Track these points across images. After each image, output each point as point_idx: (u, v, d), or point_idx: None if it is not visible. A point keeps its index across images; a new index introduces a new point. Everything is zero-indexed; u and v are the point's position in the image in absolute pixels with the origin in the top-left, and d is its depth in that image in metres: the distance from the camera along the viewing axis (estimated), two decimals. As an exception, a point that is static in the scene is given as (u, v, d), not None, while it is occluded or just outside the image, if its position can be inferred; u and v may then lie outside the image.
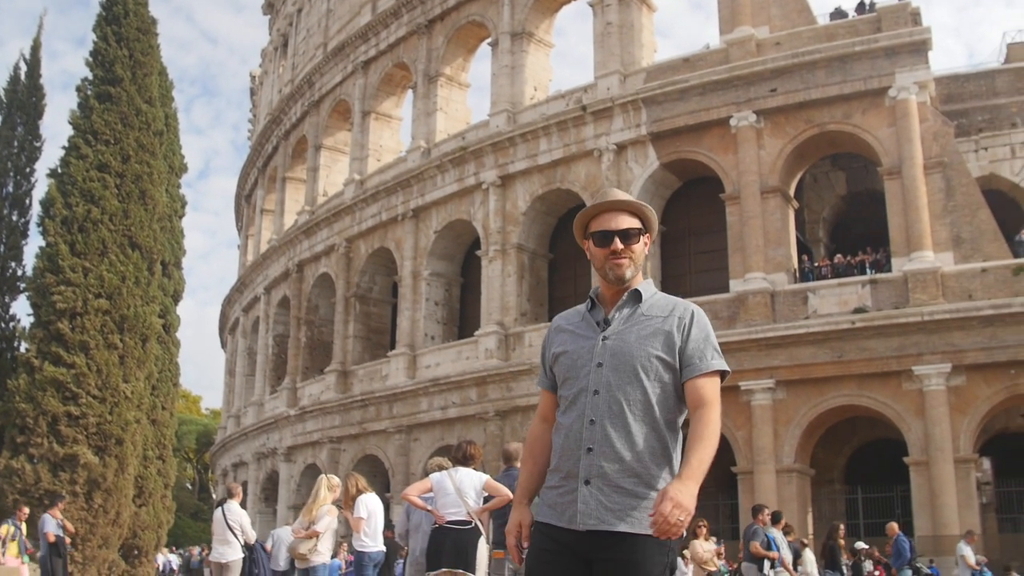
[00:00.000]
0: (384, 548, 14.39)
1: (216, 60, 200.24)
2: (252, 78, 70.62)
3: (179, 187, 35.67)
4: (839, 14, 35.87)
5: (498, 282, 36.14)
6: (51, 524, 19.95)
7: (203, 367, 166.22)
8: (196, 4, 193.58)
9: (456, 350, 37.70)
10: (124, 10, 29.23)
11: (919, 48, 30.40)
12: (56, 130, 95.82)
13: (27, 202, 31.83)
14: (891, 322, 28.66)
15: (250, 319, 55.83)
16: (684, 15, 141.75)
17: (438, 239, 39.76)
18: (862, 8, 35.18)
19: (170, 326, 32.82)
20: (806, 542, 23.46)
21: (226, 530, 16.05)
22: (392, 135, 46.73)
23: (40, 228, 26.84)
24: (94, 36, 28.94)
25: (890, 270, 30.07)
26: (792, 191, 32.93)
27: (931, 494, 27.38)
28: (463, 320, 40.64)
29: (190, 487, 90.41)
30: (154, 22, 30.51)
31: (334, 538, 14.62)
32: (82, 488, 24.56)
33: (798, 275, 31.89)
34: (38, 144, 32.52)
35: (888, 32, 30.76)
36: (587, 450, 3.97)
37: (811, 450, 31.00)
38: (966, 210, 29.73)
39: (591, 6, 36.64)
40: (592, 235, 4.26)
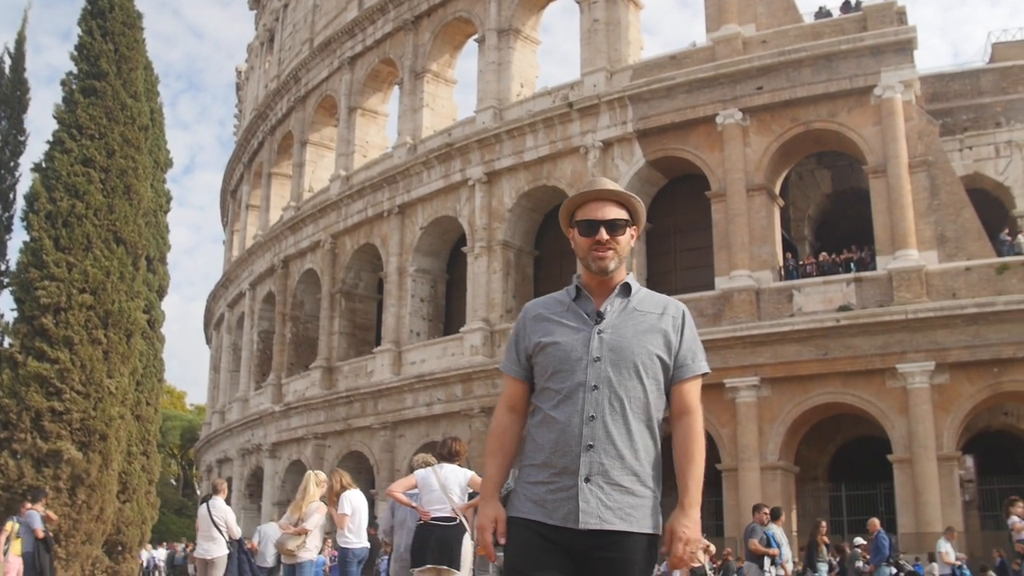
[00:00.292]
0: (368, 544, 14.37)
1: (202, 55, 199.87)
2: (238, 73, 70.43)
3: (164, 182, 35.52)
4: (823, 13, 35.93)
5: (484, 279, 36.14)
6: (38, 520, 19.87)
7: (188, 363, 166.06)
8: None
9: (441, 346, 37.69)
10: (109, 4, 29.07)
11: (904, 47, 30.50)
12: (40, 124, 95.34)
13: (11, 196, 31.62)
14: (875, 320, 28.77)
15: (235, 315, 55.70)
16: (671, 13, 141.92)
17: (424, 235, 39.74)
18: (847, 7, 35.25)
19: (155, 321, 32.70)
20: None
21: (211, 526, 16.00)
22: (378, 131, 46.67)
23: (24, 223, 26.66)
24: (79, 30, 28.76)
25: (875, 268, 30.17)
26: (778, 189, 33.01)
27: (914, 491, 27.51)
28: (448, 317, 40.63)
29: (174, 483, 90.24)
30: (139, 16, 30.33)
31: (321, 534, 14.59)
32: (66, 484, 24.43)
33: (783, 273, 31.96)
34: (22, 138, 32.32)
35: (874, 31, 30.87)
36: (587, 447, 3.87)
37: (795, 447, 31.10)
38: (950, 209, 29.84)
39: (578, 3, 36.65)
40: (578, 224, 4.16)
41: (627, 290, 4.12)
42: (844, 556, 25.92)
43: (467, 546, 10.73)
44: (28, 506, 19.90)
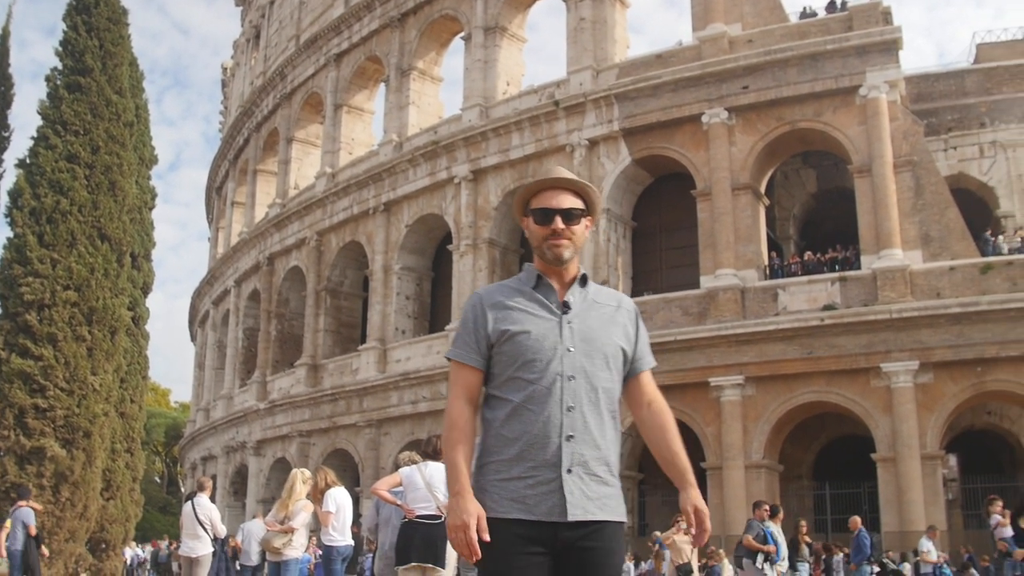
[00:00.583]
0: (352, 543, 14.37)
1: (188, 51, 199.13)
2: (224, 70, 70.27)
3: (149, 179, 35.38)
4: (809, 14, 36.00)
5: (469, 276, 36.12)
6: (32, 517, 19.81)
7: (172, 360, 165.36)
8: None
9: (427, 344, 37.66)
10: (95, 0, 28.99)
11: (890, 47, 30.60)
12: (25, 120, 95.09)
13: (-5, 192, 31.52)
14: (860, 319, 28.86)
15: (220, 312, 55.57)
16: (657, 12, 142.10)
17: (409, 233, 39.71)
18: (832, 7, 35.34)
19: (139, 318, 32.60)
20: None
21: (196, 524, 15.97)
22: (364, 128, 46.62)
23: (8, 219, 26.54)
24: (64, 25, 28.62)
25: (859, 268, 30.27)
26: (763, 188, 33.09)
27: (898, 490, 27.61)
28: (434, 314, 40.61)
29: (159, 481, 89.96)
30: (125, 12, 30.20)
31: (307, 532, 14.58)
32: (49, 481, 24.34)
33: (768, 272, 32.04)
34: (6, 134, 32.13)
35: (859, 31, 30.96)
36: (568, 438, 3.81)
37: (780, 446, 31.17)
38: (935, 209, 29.94)
39: (564, 1, 36.68)
40: (533, 212, 4.08)
41: (584, 281, 4.09)
42: (831, 554, 25.96)
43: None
44: (21, 503, 19.84)
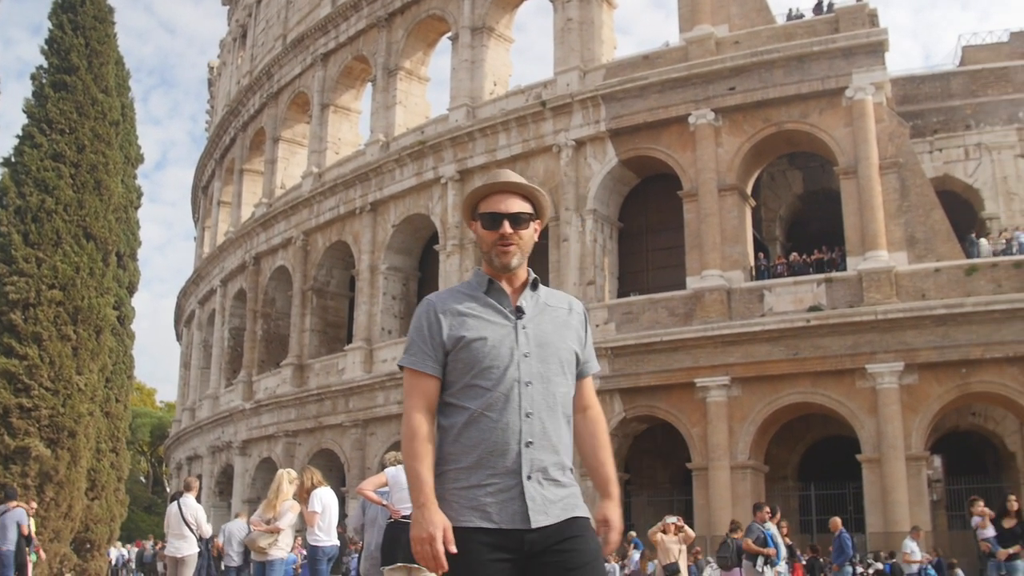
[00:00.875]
0: (338, 543, 14.37)
1: (174, 50, 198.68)
2: (210, 69, 70.12)
3: (135, 178, 35.38)
4: (795, 15, 36.07)
5: (456, 277, 36.08)
6: (26, 517, 19.76)
7: (158, 360, 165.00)
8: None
9: (413, 344, 37.53)
10: (81, -2, 28.93)
11: (876, 49, 30.70)
12: (10, 119, 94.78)
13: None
14: (845, 321, 28.93)
15: (206, 312, 55.47)
16: (644, 12, 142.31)
17: (396, 233, 39.68)
18: (819, 9, 35.45)
19: (125, 318, 32.57)
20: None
21: (182, 524, 15.95)
22: (351, 128, 46.58)
23: (-8, 218, 26.52)
24: (50, 24, 28.58)
25: (845, 269, 30.34)
26: (749, 189, 33.15)
27: (883, 491, 27.69)
28: (420, 315, 40.50)
29: (144, 480, 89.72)
30: (111, 10, 30.16)
31: (292, 532, 14.57)
32: (33, 481, 24.29)
33: (754, 273, 32.09)
34: (-9, 132, 32.09)
35: (845, 33, 31.04)
36: (527, 444, 3.78)
37: (765, 447, 31.23)
38: (920, 210, 30.04)
39: (552, 2, 36.69)
40: (481, 216, 4.06)
41: (535, 285, 4.08)
42: (817, 553, 26.04)
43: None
44: (13, 504, 19.78)
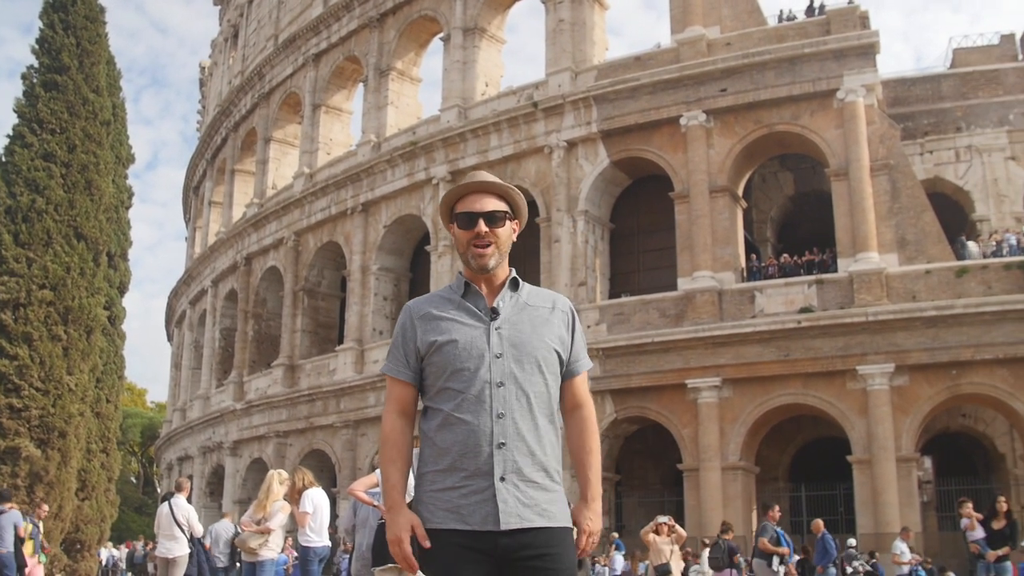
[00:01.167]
0: (329, 543, 14.36)
1: (166, 50, 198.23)
2: (202, 69, 70.03)
3: (126, 178, 35.36)
4: (787, 17, 36.14)
5: (447, 277, 36.04)
6: (22, 519, 19.71)
7: (149, 360, 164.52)
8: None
9: (404, 345, 37.51)
10: (72, -2, 28.88)
11: (867, 51, 30.76)
12: (1, 118, 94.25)
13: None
14: (836, 322, 28.99)
15: (197, 312, 55.38)
16: (636, 14, 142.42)
17: (387, 234, 39.67)
18: (810, 11, 35.51)
19: (115, 318, 32.52)
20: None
21: (173, 525, 15.91)
22: (342, 129, 46.55)
23: (-17, 218, 26.46)
24: (40, 23, 28.55)
25: (836, 270, 30.39)
26: (741, 191, 33.19)
27: (873, 492, 27.74)
28: (412, 315, 40.47)
29: (134, 481, 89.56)
30: (102, 10, 30.14)
31: (283, 533, 14.56)
32: (24, 481, 24.26)
33: (745, 274, 32.14)
34: (-18, 132, 32.02)
35: (837, 35, 31.10)
36: (499, 445, 3.79)
37: (756, 448, 31.27)
38: (911, 212, 30.11)
39: (543, 3, 36.70)
40: (457, 216, 4.05)
41: (515, 284, 4.06)
42: (808, 555, 26.06)
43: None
44: (8, 505, 19.74)
